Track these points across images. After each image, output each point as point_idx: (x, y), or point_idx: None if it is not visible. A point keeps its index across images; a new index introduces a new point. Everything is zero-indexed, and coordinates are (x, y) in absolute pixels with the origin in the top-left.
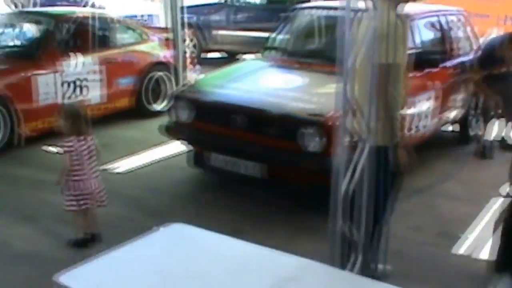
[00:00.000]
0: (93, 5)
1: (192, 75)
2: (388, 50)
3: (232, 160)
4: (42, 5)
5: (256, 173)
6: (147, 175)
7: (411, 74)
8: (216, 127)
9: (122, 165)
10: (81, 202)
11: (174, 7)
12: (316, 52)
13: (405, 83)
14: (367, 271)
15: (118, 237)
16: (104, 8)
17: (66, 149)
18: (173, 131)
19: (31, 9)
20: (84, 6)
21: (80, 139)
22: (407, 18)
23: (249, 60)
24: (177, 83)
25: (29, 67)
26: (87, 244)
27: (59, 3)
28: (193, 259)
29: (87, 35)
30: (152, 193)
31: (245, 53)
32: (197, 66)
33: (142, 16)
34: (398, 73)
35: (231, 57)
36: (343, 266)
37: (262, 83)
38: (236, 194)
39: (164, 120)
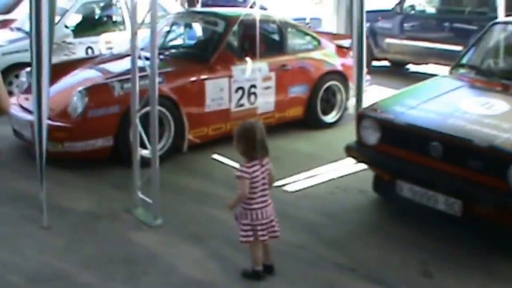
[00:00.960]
0: (252, 6)
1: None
2: None
3: (421, 191)
4: (203, 4)
5: (449, 209)
6: (320, 196)
7: None
8: (406, 152)
9: (292, 183)
10: (259, 233)
11: (359, 12)
12: None
13: None
14: None
15: (292, 269)
16: (266, 9)
17: (244, 175)
18: (355, 152)
19: (200, 9)
20: (251, 7)
21: (261, 164)
22: None
23: (438, 78)
24: (358, 99)
25: (201, 70)
26: (262, 277)
27: (222, 3)
28: None
29: (259, 39)
30: (327, 218)
31: (413, 63)
32: (368, 76)
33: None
34: None
35: (393, 67)
36: None
37: (460, 106)
38: (423, 229)
39: (337, 133)
